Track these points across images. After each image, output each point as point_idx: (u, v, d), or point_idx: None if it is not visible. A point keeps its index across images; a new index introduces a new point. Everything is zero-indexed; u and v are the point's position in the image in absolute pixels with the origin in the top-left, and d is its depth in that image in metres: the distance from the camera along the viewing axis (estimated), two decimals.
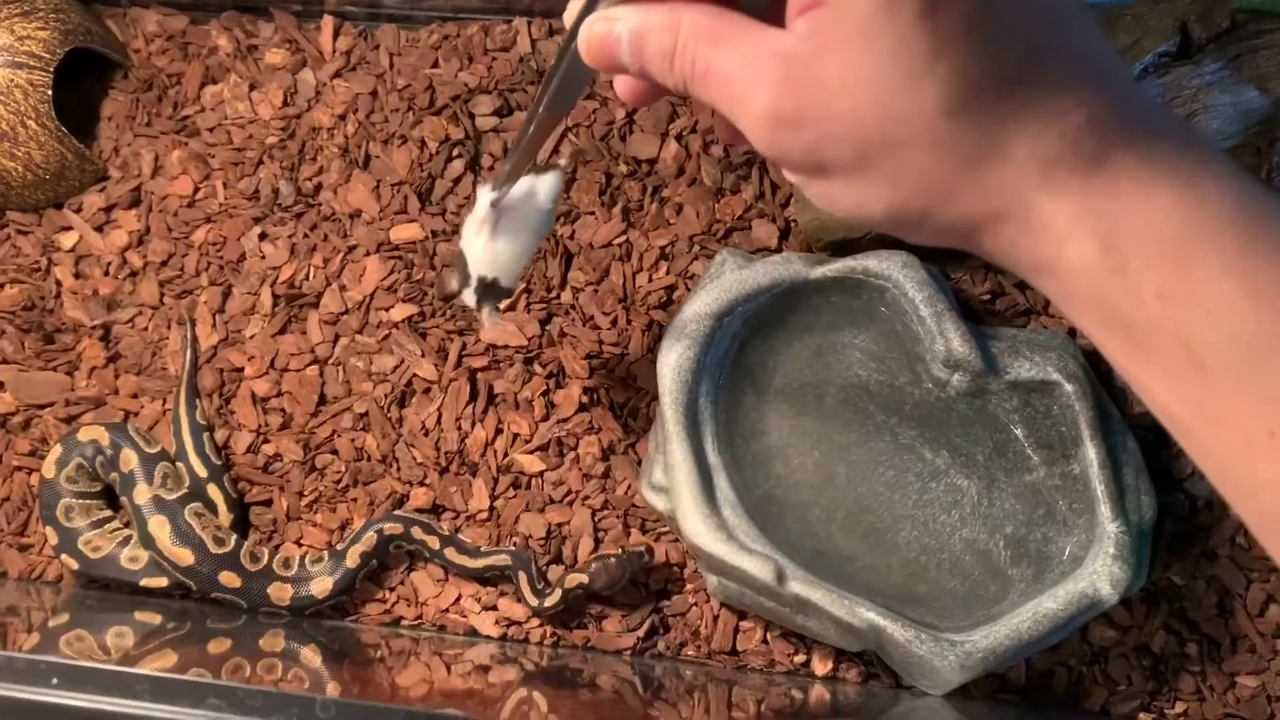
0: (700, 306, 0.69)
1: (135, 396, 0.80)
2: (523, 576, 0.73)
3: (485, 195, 0.59)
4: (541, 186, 0.60)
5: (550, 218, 0.62)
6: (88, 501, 0.77)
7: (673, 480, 0.68)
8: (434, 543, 0.74)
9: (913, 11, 0.30)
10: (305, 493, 0.78)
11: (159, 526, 0.73)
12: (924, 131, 0.32)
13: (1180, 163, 0.32)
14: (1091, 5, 0.66)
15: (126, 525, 0.77)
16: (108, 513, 0.78)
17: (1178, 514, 0.72)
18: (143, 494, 0.73)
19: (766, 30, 0.34)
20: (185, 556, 0.72)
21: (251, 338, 0.80)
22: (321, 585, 0.74)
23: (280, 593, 0.74)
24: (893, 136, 0.32)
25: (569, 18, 0.41)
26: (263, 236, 0.82)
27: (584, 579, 0.72)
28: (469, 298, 0.63)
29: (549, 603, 0.72)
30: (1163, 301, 0.31)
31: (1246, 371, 0.31)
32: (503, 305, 0.67)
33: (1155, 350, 0.32)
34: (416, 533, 0.74)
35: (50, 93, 0.78)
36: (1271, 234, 0.31)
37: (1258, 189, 0.32)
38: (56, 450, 0.76)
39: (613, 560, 0.72)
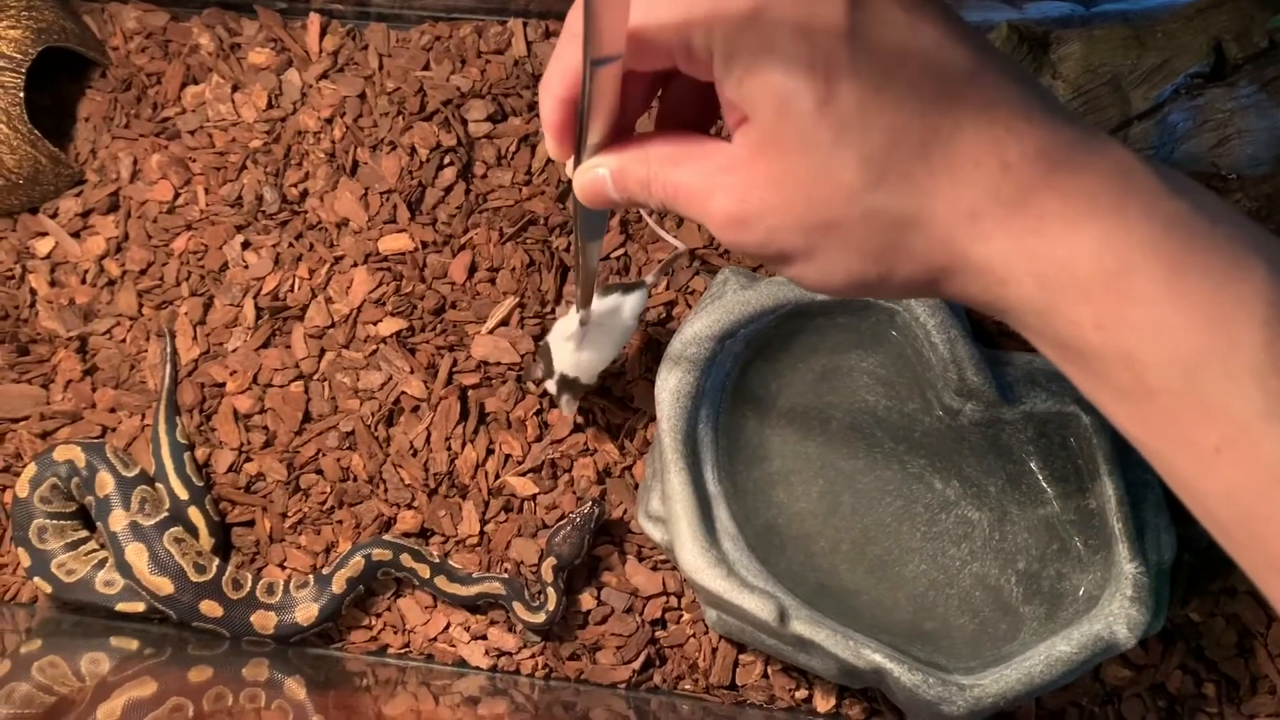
0: (701, 328, 0.66)
1: (113, 411, 0.77)
2: (518, 605, 0.70)
3: (574, 315, 0.66)
4: (628, 304, 0.67)
5: (632, 330, 0.69)
6: (62, 522, 0.73)
7: (670, 511, 0.65)
8: (424, 571, 0.71)
9: (809, 109, 0.34)
10: (289, 514, 0.75)
11: (136, 554, 0.70)
12: (851, 209, 0.35)
13: (1105, 193, 0.33)
14: (1123, 19, 0.62)
15: (102, 547, 0.74)
16: (83, 534, 0.75)
17: (1196, 548, 0.69)
18: (119, 520, 0.70)
19: (717, 146, 0.39)
20: (164, 585, 0.69)
21: (234, 351, 0.77)
22: (306, 612, 0.71)
23: (264, 621, 0.71)
24: (826, 219, 0.36)
25: (568, 172, 0.45)
26: (246, 245, 0.79)
27: (553, 560, 0.70)
28: (551, 387, 0.71)
29: (551, 605, 0.70)
30: (1102, 330, 0.33)
31: (1188, 390, 0.32)
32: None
33: (1105, 376, 0.34)
34: (406, 560, 0.71)
35: (22, 95, 0.75)
36: (1200, 255, 0.33)
37: (1188, 208, 0.33)
38: (31, 469, 0.73)
39: (568, 528, 0.70)
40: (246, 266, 0.78)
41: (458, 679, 0.72)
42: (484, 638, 0.72)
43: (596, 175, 0.42)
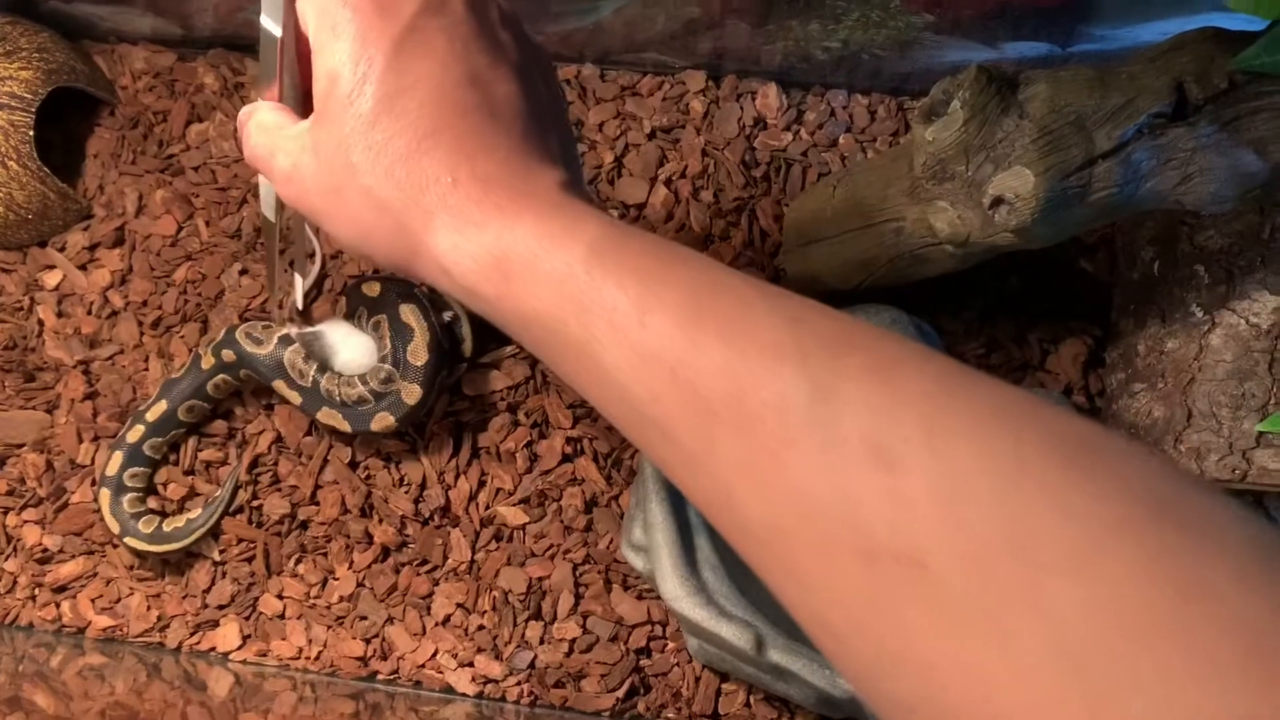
0: None
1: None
2: None
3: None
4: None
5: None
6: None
7: (652, 540, 0.66)
8: None
9: (343, 94, 0.44)
10: (286, 545, 0.76)
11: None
12: (352, 182, 0.44)
13: (532, 202, 0.43)
14: (1097, 60, 0.64)
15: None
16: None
17: None
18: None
19: (296, 119, 0.48)
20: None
21: None
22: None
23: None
24: (335, 185, 0.45)
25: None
26: (243, 272, 0.81)
27: None
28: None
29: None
30: (510, 283, 0.42)
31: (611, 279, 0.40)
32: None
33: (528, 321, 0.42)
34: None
35: (32, 133, 0.77)
36: (630, 250, 0.41)
37: (607, 218, 0.44)
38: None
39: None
40: (240, 291, 0.80)
41: (445, 705, 0.73)
42: (471, 665, 0.74)
43: (240, 120, 0.50)
